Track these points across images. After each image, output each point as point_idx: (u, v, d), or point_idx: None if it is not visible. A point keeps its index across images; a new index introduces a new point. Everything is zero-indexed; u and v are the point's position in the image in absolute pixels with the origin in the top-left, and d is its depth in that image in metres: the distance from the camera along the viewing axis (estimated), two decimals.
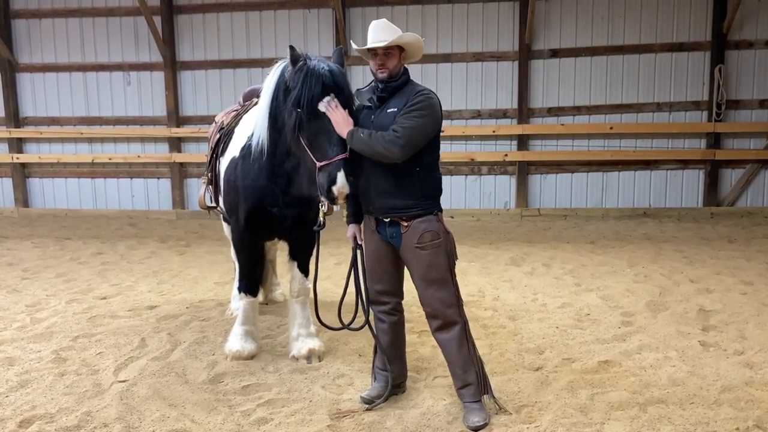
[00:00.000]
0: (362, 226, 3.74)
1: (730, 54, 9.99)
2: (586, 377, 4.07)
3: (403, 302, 3.82)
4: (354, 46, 3.66)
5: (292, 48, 3.73)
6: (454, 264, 3.58)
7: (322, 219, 3.89)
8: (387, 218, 3.53)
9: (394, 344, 3.79)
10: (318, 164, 3.55)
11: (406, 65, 3.60)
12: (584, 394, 3.82)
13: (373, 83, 3.61)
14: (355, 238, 3.73)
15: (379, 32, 3.48)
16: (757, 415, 3.51)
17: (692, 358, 4.37)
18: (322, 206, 3.80)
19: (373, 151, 3.37)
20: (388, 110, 3.48)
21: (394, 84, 3.52)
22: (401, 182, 3.44)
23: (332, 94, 3.58)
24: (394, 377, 3.76)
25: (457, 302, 3.56)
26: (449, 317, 3.52)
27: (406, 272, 3.71)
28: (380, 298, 3.72)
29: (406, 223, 3.48)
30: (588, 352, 4.51)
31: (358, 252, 3.73)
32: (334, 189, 3.47)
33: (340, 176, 3.46)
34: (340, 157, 3.50)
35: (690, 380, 3.99)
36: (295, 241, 4.51)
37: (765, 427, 3.40)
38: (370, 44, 3.48)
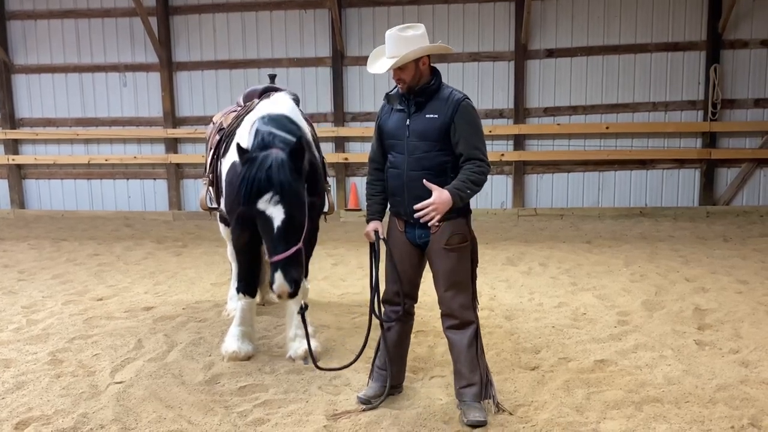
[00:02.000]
0: (383, 224, 3.71)
1: (725, 53, 10.01)
2: (582, 376, 4.08)
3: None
4: (369, 70, 3.57)
5: (239, 146, 3.72)
6: (476, 267, 3.62)
7: (303, 302, 3.89)
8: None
9: (398, 345, 3.79)
10: (267, 260, 3.61)
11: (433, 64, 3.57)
12: (580, 393, 3.83)
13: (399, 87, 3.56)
14: (376, 232, 3.67)
15: (392, 46, 3.43)
16: (752, 414, 3.52)
17: (688, 356, 4.39)
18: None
19: (479, 189, 3.45)
20: (428, 116, 3.45)
21: (432, 88, 3.49)
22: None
23: (271, 192, 3.51)
24: (393, 377, 3.76)
25: (473, 304, 3.60)
26: (466, 318, 3.56)
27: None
28: (395, 299, 3.69)
29: (437, 224, 3.48)
30: (584, 351, 4.52)
31: (382, 244, 3.67)
32: (274, 288, 3.55)
33: (278, 277, 3.51)
34: (275, 258, 3.52)
35: (685, 379, 4.01)
36: None
37: (760, 426, 3.41)
38: (377, 68, 3.46)
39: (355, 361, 3.91)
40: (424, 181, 3.39)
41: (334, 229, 9.66)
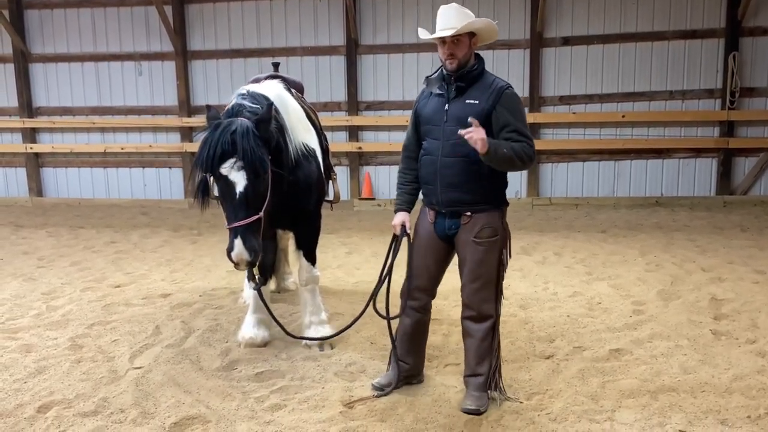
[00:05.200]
0: (413, 216, 3.66)
1: (744, 41, 9.89)
2: (597, 365, 4.08)
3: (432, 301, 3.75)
4: (421, 36, 3.49)
5: (208, 107, 3.72)
6: (506, 261, 3.53)
7: (257, 276, 4.00)
8: (449, 210, 3.46)
9: (414, 339, 3.75)
10: (225, 226, 3.59)
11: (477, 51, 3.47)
12: (595, 382, 3.83)
13: (441, 71, 3.48)
14: (403, 226, 3.61)
15: (449, 18, 3.35)
16: None
17: (704, 346, 4.37)
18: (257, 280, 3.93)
19: (513, 164, 3.28)
20: (467, 101, 3.36)
21: (475, 73, 3.41)
22: (469, 176, 3.36)
23: (234, 158, 3.47)
24: (408, 368, 3.77)
25: (496, 298, 3.53)
26: (484, 312, 3.51)
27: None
28: (413, 293, 3.65)
29: (468, 214, 3.42)
30: (599, 340, 4.52)
31: (405, 240, 3.62)
32: (232, 255, 3.51)
33: (237, 244, 3.48)
34: (236, 224, 3.50)
35: (701, 369, 3.99)
36: (299, 231, 4.55)
37: None
38: (438, 33, 3.35)
39: (342, 332, 4.12)
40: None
41: (347, 218, 9.70)
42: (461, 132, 3.21)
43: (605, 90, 10.25)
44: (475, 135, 3.17)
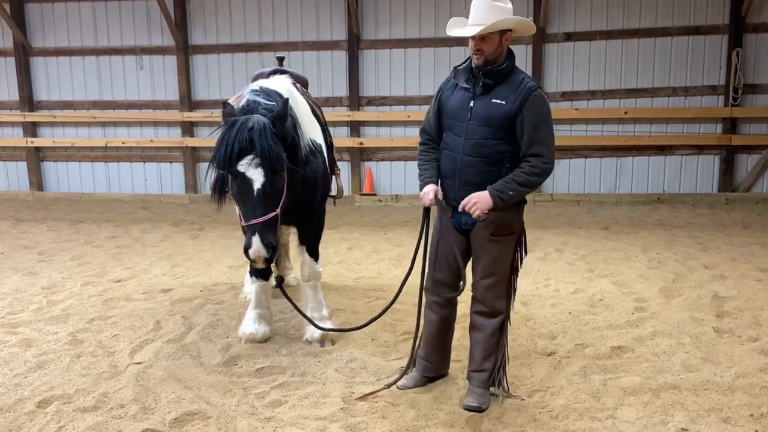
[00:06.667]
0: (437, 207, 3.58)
1: (748, 37, 9.84)
2: (598, 362, 4.07)
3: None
4: (449, 32, 3.38)
5: (224, 104, 3.72)
6: (523, 258, 3.50)
7: (275, 274, 3.98)
8: None
9: (439, 336, 3.71)
10: (241, 223, 3.60)
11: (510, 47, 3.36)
12: (597, 380, 3.82)
13: (470, 62, 3.37)
14: (436, 196, 3.45)
15: (479, 13, 3.21)
16: None
17: (706, 344, 4.35)
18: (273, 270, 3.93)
19: (529, 191, 3.32)
20: (494, 100, 3.27)
21: (504, 71, 3.29)
22: (489, 176, 3.29)
23: (252, 155, 3.47)
24: (432, 367, 3.75)
25: (508, 295, 3.50)
26: (496, 308, 3.48)
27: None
28: (437, 289, 3.61)
29: (483, 216, 3.33)
30: (601, 337, 4.50)
31: (425, 231, 3.56)
32: (250, 253, 3.52)
33: (255, 241, 3.48)
34: (252, 222, 3.51)
35: (704, 366, 3.98)
36: (304, 226, 4.54)
37: None
38: (465, 31, 3.24)
39: (366, 325, 4.09)
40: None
41: (349, 213, 9.68)
42: (462, 208, 3.27)
43: (608, 86, 10.21)
44: (475, 208, 3.23)
